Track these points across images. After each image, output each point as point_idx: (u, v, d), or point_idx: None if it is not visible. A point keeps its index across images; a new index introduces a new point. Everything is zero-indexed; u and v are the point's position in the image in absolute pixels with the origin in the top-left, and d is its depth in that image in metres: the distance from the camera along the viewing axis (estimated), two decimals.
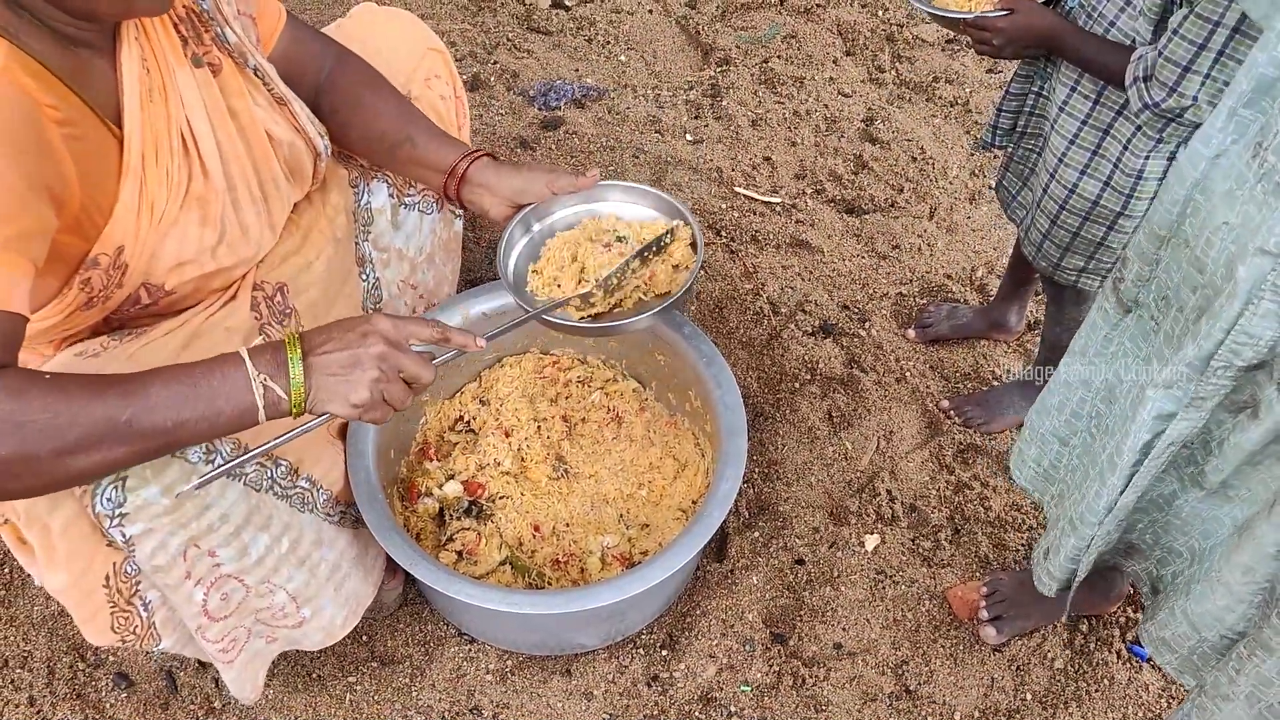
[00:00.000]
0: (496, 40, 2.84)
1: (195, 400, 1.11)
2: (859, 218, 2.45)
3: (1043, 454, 1.40)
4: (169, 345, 1.31)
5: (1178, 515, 1.24)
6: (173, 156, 1.27)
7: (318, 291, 1.53)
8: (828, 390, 2.09)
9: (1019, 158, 1.77)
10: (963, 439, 2.02)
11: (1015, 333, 2.18)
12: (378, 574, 1.62)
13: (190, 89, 1.30)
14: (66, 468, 1.07)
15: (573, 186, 1.59)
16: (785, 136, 2.63)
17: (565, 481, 1.77)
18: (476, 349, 1.31)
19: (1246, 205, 0.93)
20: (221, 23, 1.35)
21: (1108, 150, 1.55)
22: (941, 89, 2.78)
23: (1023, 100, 1.70)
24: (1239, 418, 1.06)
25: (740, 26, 2.95)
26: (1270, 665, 1.09)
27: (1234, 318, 0.96)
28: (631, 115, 2.66)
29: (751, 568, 1.82)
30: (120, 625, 1.33)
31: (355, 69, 1.61)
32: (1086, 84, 1.54)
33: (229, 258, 1.37)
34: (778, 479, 1.95)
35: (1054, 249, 1.68)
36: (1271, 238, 0.90)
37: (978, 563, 1.85)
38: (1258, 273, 0.92)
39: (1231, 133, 0.99)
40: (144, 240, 1.26)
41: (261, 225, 1.42)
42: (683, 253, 1.57)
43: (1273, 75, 0.93)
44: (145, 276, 1.29)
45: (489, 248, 2.30)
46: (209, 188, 1.32)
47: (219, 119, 1.33)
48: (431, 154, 1.60)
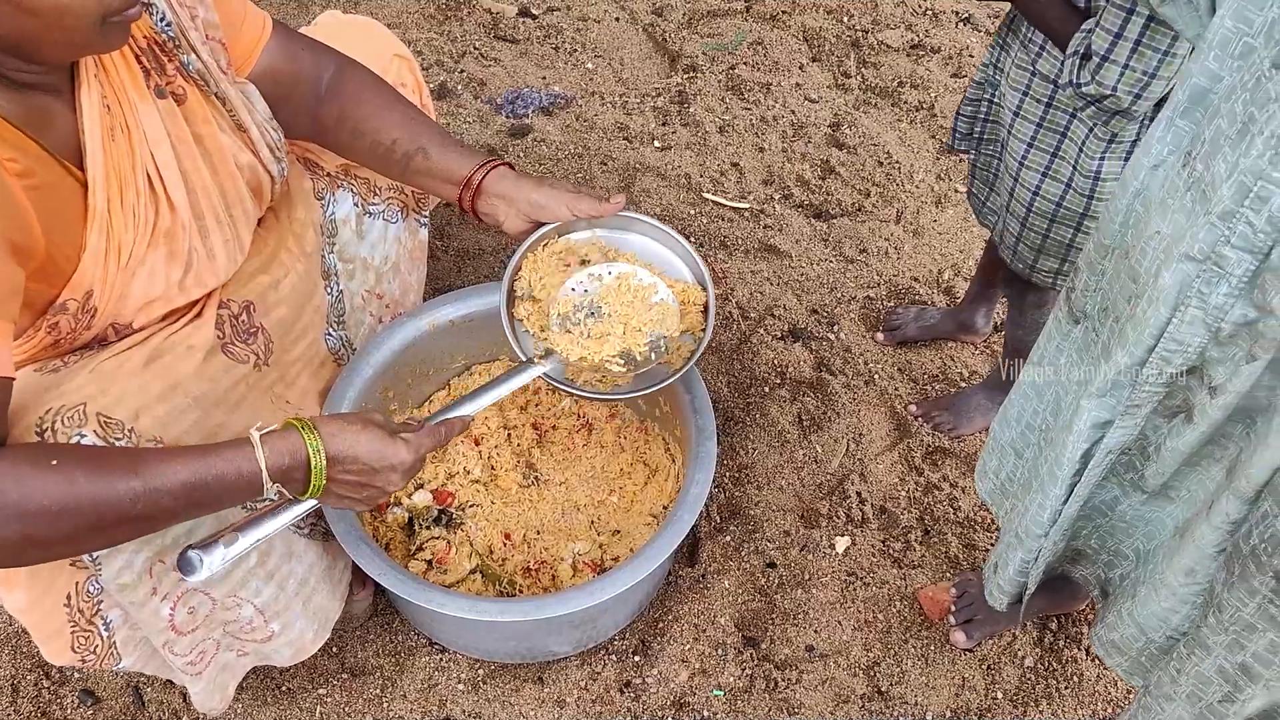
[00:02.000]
0: (463, 48, 2.84)
1: (205, 498, 1.16)
2: (826, 222, 2.46)
3: (1001, 465, 1.41)
4: (131, 361, 1.29)
5: (1122, 519, 1.26)
6: (139, 196, 1.26)
7: (285, 309, 1.52)
8: (797, 394, 2.10)
9: (981, 164, 1.78)
10: (931, 441, 2.04)
11: (983, 334, 2.20)
12: (344, 589, 1.61)
13: (154, 122, 1.27)
14: (78, 547, 1.13)
15: (595, 211, 1.51)
16: (752, 142, 2.64)
17: (535, 489, 1.77)
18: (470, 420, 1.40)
19: (1176, 214, 0.95)
20: (186, 50, 1.32)
21: (1065, 152, 1.56)
22: (907, 94, 2.80)
23: (978, 105, 1.72)
24: (1174, 422, 1.07)
25: (706, 33, 2.96)
26: (1209, 664, 1.10)
27: (1162, 324, 0.97)
28: (599, 122, 2.67)
29: (723, 572, 1.82)
30: (80, 645, 1.31)
31: (359, 77, 1.56)
32: (1037, 87, 1.55)
33: (197, 289, 1.37)
34: (748, 483, 1.95)
35: (1028, 251, 1.69)
36: (1195, 244, 0.91)
37: (948, 563, 1.86)
38: (1182, 279, 0.94)
39: (1169, 143, 1.01)
40: (112, 283, 1.25)
41: (230, 250, 1.41)
42: (693, 318, 1.51)
43: (1205, 86, 0.95)
44: (114, 318, 1.29)
45: (457, 255, 2.30)
46: (175, 221, 1.31)
47: (184, 149, 1.32)
48: (446, 163, 1.53)
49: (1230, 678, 1.09)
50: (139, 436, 1.22)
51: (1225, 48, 0.92)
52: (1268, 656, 1.04)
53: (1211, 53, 0.93)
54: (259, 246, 1.52)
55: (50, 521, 1.05)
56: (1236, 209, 0.87)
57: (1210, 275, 0.92)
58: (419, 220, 1.82)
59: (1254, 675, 1.07)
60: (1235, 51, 0.91)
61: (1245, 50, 0.90)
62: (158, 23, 1.30)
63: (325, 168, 1.68)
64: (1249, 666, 1.07)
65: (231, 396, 1.40)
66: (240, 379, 1.43)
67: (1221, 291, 0.92)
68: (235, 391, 1.41)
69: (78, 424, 1.17)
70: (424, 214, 1.83)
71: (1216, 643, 1.08)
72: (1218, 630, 1.08)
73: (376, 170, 1.61)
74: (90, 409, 1.21)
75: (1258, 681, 1.07)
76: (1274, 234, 0.86)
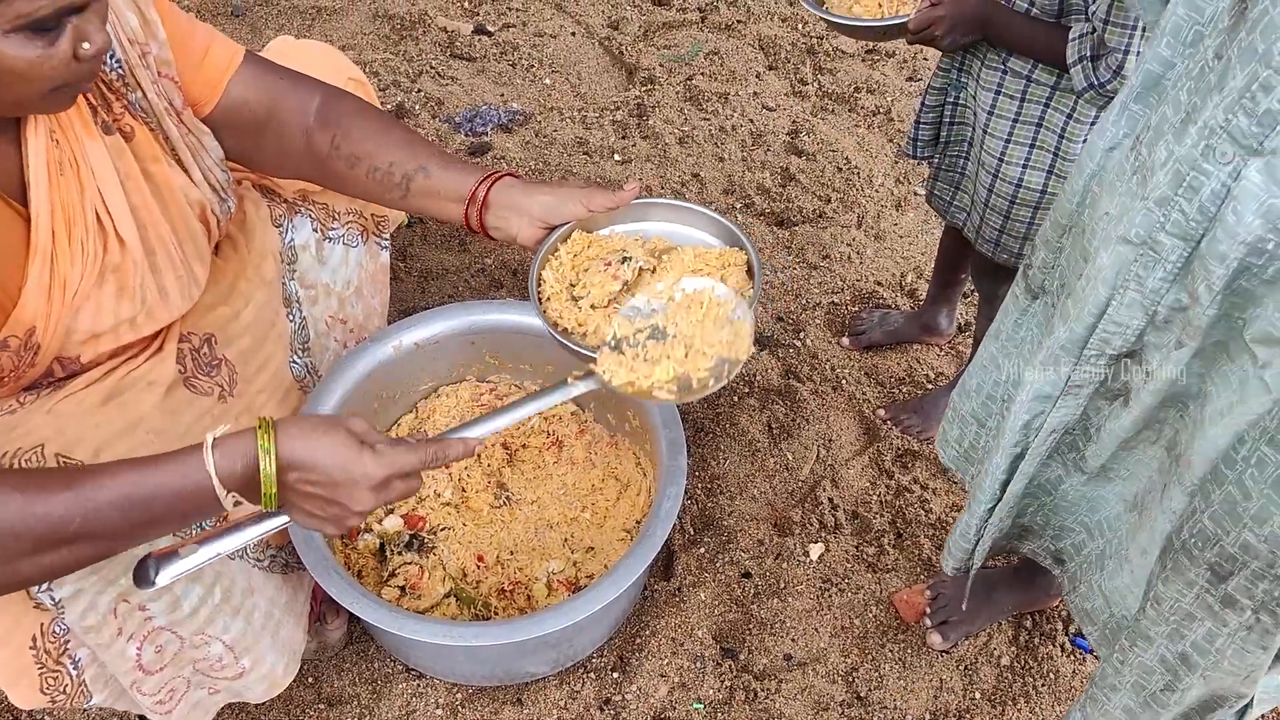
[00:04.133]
0: (419, 68, 2.83)
1: (151, 511, 1.06)
2: (789, 229, 2.47)
3: (963, 434, 1.42)
4: (89, 399, 1.27)
5: (1064, 498, 1.28)
6: (87, 230, 1.24)
7: (248, 340, 1.50)
8: (766, 402, 2.10)
9: (946, 166, 1.81)
10: (901, 444, 2.05)
11: (947, 335, 2.22)
12: (306, 619, 1.59)
13: (102, 159, 1.26)
14: (15, 574, 1.03)
15: (612, 202, 1.45)
16: (712, 152, 2.65)
17: (507, 509, 1.76)
18: (472, 455, 1.25)
19: (1122, 197, 0.97)
20: (134, 87, 1.31)
21: (1044, 141, 1.60)
22: (863, 99, 2.82)
23: (940, 112, 1.74)
24: (1114, 405, 1.10)
25: (663, 45, 2.97)
26: (1151, 654, 1.12)
27: (1101, 304, 0.99)
28: (559, 138, 2.67)
29: (699, 584, 1.82)
30: (50, 685, 1.29)
31: (347, 103, 1.52)
32: (1010, 84, 1.58)
33: (149, 326, 1.34)
34: (721, 493, 1.96)
35: (1012, 241, 1.72)
36: (1132, 228, 0.93)
37: (921, 565, 1.87)
38: (1120, 261, 0.95)
39: (1124, 126, 1.03)
40: (55, 319, 1.22)
41: (184, 286, 1.38)
42: (738, 278, 1.42)
43: (1157, 72, 0.97)
44: (59, 352, 1.26)
45: (420, 276, 2.29)
46: (125, 257, 1.28)
47: (133, 185, 1.30)
48: (449, 181, 1.48)
49: (1171, 667, 1.11)
50: None
51: (1177, 34, 0.93)
52: (1205, 645, 1.06)
53: (1164, 39, 0.95)
54: (217, 277, 1.51)
55: None
56: (1172, 195, 0.89)
57: (1147, 260, 0.94)
58: (379, 243, 1.81)
59: (1193, 664, 1.09)
60: (1186, 39, 0.93)
61: (1196, 38, 0.92)
62: (107, 60, 1.28)
63: (282, 194, 1.67)
64: (1187, 656, 1.09)
65: (195, 430, 1.38)
66: (204, 412, 1.41)
67: (1157, 276, 0.94)
68: (200, 425, 1.39)
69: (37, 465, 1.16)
70: (384, 237, 1.82)
71: (1157, 633, 1.10)
72: (1158, 621, 1.10)
73: (377, 200, 1.55)
74: (49, 450, 1.19)
75: (1195, 671, 1.09)
76: (1204, 223, 0.87)
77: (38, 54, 1.04)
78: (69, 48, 1.07)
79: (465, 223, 1.49)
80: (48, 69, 1.06)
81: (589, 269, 1.44)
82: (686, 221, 1.52)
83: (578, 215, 1.45)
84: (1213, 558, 1.00)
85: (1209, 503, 0.97)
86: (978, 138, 1.68)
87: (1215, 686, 1.11)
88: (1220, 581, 1.01)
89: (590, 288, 1.41)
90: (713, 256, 1.45)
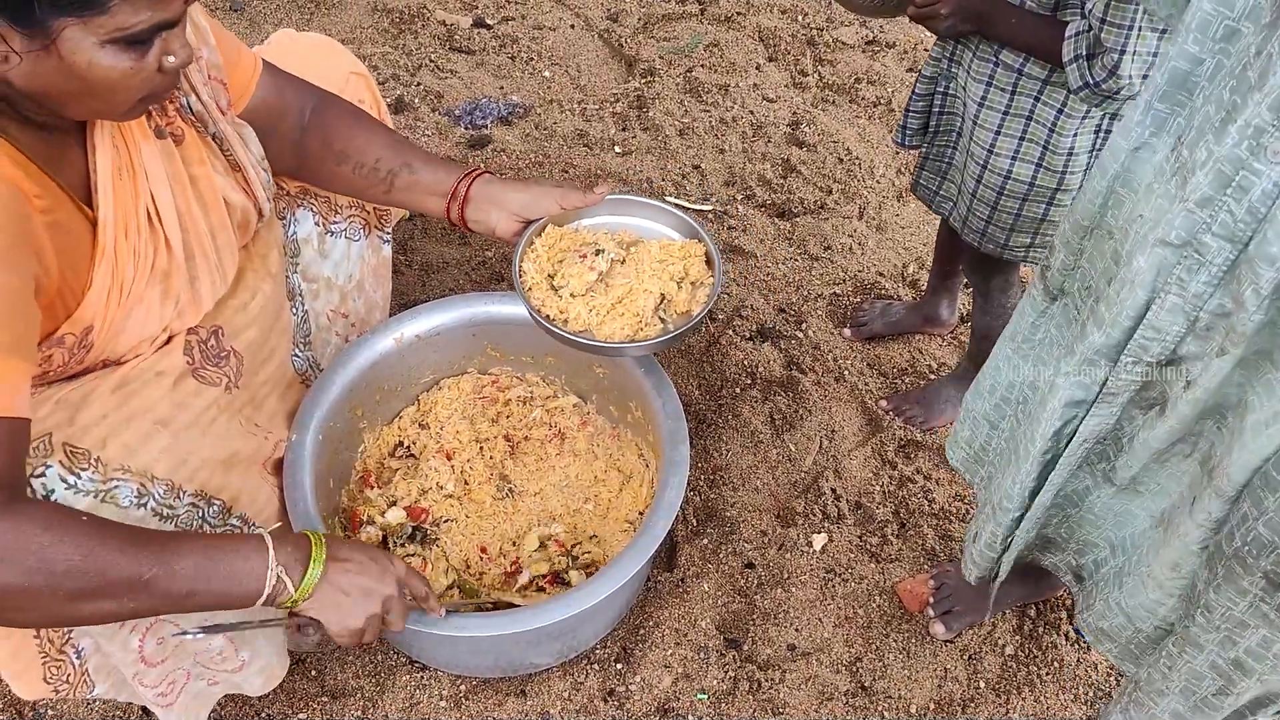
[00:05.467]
0: (419, 62, 2.83)
1: (213, 576, 1.16)
2: (790, 221, 2.47)
3: (974, 436, 1.42)
4: (99, 389, 1.28)
5: (1090, 510, 1.27)
6: (140, 233, 1.27)
7: (255, 331, 1.51)
8: (768, 393, 2.10)
9: (934, 155, 1.81)
10: (903, 434, 2.05)
11: (948, 325, 2.21)
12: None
13: (154, 162, 1.30)
14: (75, 611, 1.09)
15: (583, 202, 1.60)
16: (713, 144, 2.64)
17: (510, 501, 1.76)
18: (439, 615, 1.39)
19: (1160, 199, 0.95)
20: (188, 91, 1.36)
21: (1034, 135, 1.60)
22: (864, 90, 2.82)
23: (930, 100, 1.75)
24: (1149, 414, 1.08)
25: (662, 37, 2.96)
26: (1201, 660, 1.11)
27: (1139, 308, 0.97)
28: (559, 130, 2.66)
29: (702, 575, 1.82)
30: (53, 675, 1.29)
31: (340, 106, 1.61)
32: (1001, 77, 1.58)
33: (179, 324, 1.38)
34: (724, 484, 1.95)
35: (999, 232, 1.72)
36: (1171, 230, 0.91)
37: (925, 555, 1.87)
38: (1159, 263, 0.94)
39: (1149, 126, 1.00)
40: (111, 319, 1.26)
41: (215, 288, 1.43)
42: (698, 269, 1.59)
43: (1184, 69, 0.95)
44: (107, 354, 1.30)
45: (421, 270, 2.28)
46: (172, 261, 1.33)
47: (179, 188, 1.34)
48: (430, 177, 1.60)
49: (1224, 673, 1.10)
50: (105, 465, 1.20)
51: (1205, 30, 0.91)
52: (1260, 651, 1.05)
53: (1190, 35, 0.92)
54: None
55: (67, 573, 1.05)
56: (1217, 196, 0.87)
57: (1191, 263, 0.92)
58: (381, 237, 1.81)
59: (1248, 670, 1.08)
60: (1216, 34, 0.90)
61: (1227, 33, 0.89)
62: None
63: (285, 186, 1.67)
64: (1242, 661, 1.07)
65: (203, 420, 1.39)
66: (211, 402, 1.41)
67: (1201, 280, 0.92)
68: (205, 415, 1.40)
69: (44, 455, 1.17)
70: (386, 231, 1.82)
71: (1208, 640, 1.09)
72: (1208, 629, 1.08)
73: (360, 195, 1.64)
74: (56, 439, 1.20)
75: (1251, 675, 1.08)
76: (1253, 224, 0.86)
77: (130, 65, 1.09)
78: (156, 61, 1.12)
79: (446, 215, 1.61)
80: (138, 81, 1.11)
81: (565, 260, 1.58)
82: (650, 217, 1.68)
83: (551, 211, 1.60)
84: (1269, 565, 0.97)
85: (1262, 510, 0.94)
86: (967, 128, 1.68)
87: (1272, 687, 1.10)
88: (1277, 590, 0.99)
89: (570, 278, 1.56)
90: (675, 249, 1.62)
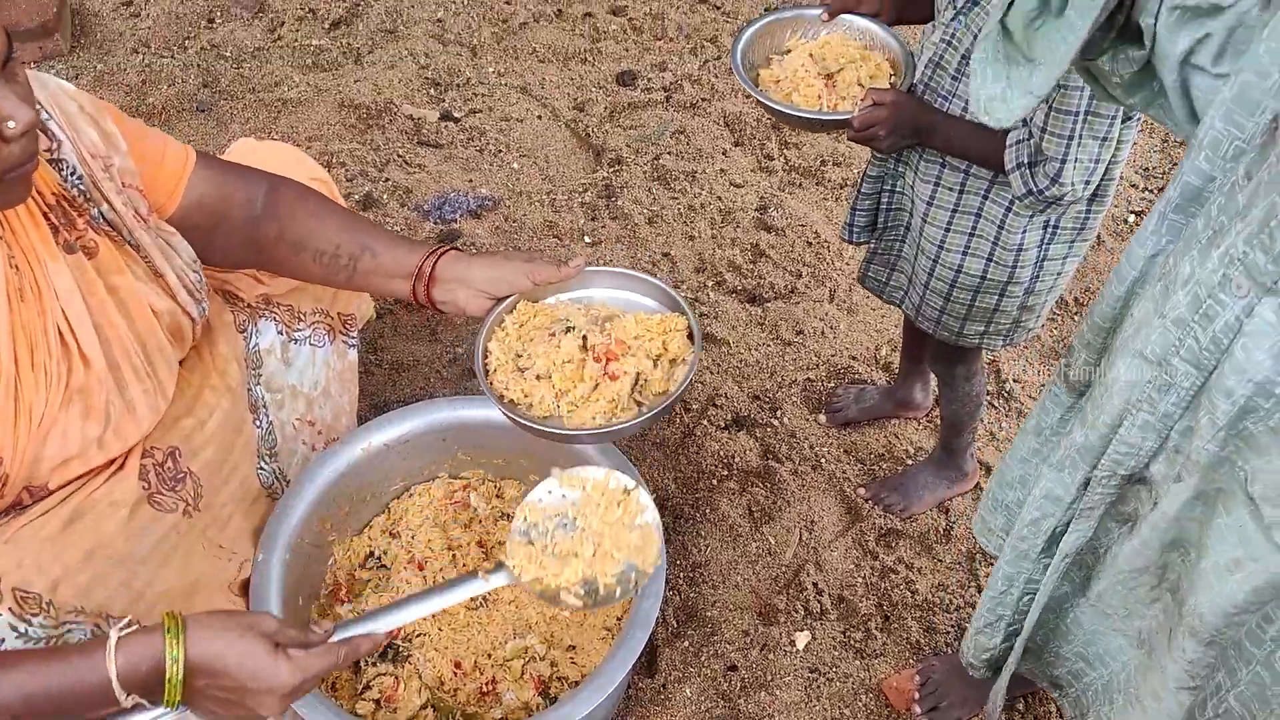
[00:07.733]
0: (387, 157, 2.83)
1: (50, 708, 1.03)
2: (761, 306, 2.47)
3: (1009, 524, 1.41)
4: (48, 526, 1.24)
5: (1064, 620, 1.25)
6: (50, 354, 1.21)
7: (213, 450, 1.47)
8: (746, 484, 2.08)
9: (882, 249, 1.84)
10: (883, 523, 2.02)
11: (923, 409, 2.21)
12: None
13: (64, 279, 1.24)
14: None
15: (556, 276, 1.51)
16: (682, 231, 2.65)
17: (485, 610, 1.71)
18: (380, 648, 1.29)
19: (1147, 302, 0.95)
20: (99, 201, 1.30)
21: (984, 231, 1.61)
22: (830, 172, 2.84)
23: (877, 199, 1.76)
24: (1122, 529, 1.07)
25: (629, 126, 2.99)
26: None
27: (1115, 415, 0.96)
28: (528, 222, 2.66)
29: (684, 679, 1.78)
30: None
31: (292, 192, 1.54)
32: (949, 177, 1.59)
33: (117, 445, 1.32)
34: (703, 582, 1.92)
35: (953, 321, 1.73)
36: (1148, 345, 0.91)
37: (910, 649, 1.84)
38: (1135, 376, 0.93)
39: (1165, 234, 1.01)
40: (23, 448, 1.20)
41: (151, 399, 1.37)
42: (679, 344, 1.50)
43: (1197, 185, 0.95)
44: (27, 482, 1.23)
45: (390, 369, 2.26)
46: (90, 376, 1.26)
47: (96, 301, 1.28)
48: (393, 259, 1.52)
49: None
50: (58, 609, 1.16)
51: (1216, 149, 0.91)
52: None
53: (1203, 153, 0.93)
54: (181, 387, 1.48)
55: None
56: (1189, 319, 0.86)
57: (1162, 382, 0.91)
58: (347, 342, 1.79)
59: None
60: (1227, 154, 0.90)
61: (1237, 153, 0.89)
62: (68, 177, 1.27)
63: (244, 298, 1.65)
64: None
65: (161, 549, 1.35)
66: (170, 529, 1.38)
67: (1170, 400, 0.91)
68: (165, 543, 1.36)
69: None
70: (352, 335, 1.80)
71: None
72: None
73: (321, 282, 1.58)
74: (5, 584, 1.16)
75: None
76: (1216, 354, 0.85)
77: None
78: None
79: (413, 297, 1.53)
80: None
81: (534, 339, 1.48)
82: (629, 288, 1.59)
83: (522, 287, 1.51)
84: None
85: (1235, 680, 0.93)
86: (916, 224, 1.70)
87: None
88: None
89: (535, 358, 1.45)
90: (654, 323, 1.51)
